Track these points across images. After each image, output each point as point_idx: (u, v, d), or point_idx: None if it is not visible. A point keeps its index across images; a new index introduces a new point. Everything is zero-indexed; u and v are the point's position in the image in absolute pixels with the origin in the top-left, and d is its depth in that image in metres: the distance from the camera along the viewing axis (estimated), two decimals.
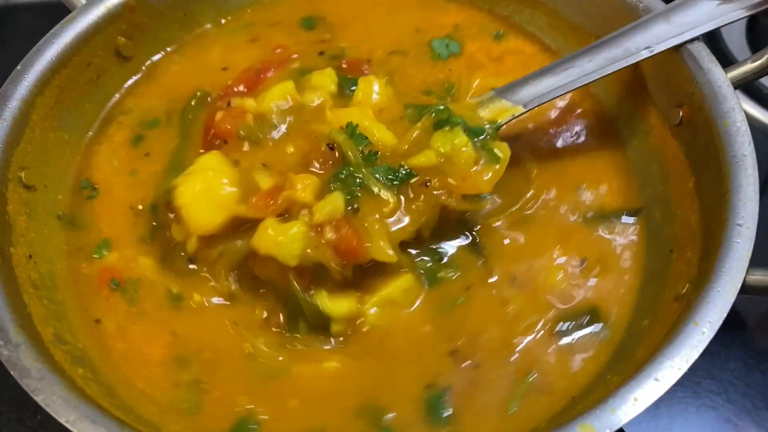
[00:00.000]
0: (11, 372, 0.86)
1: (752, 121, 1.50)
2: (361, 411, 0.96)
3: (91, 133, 1.26)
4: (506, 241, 1.11)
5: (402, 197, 1.01)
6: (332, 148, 1.03)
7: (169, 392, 0.99)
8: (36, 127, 1.14)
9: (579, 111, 1.26)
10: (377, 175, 1.00)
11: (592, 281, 1.07)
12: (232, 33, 1.39)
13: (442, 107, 1.07)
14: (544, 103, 1.13)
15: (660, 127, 1.17)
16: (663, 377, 0.82)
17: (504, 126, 1.11)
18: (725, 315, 0.86)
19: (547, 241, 1.11)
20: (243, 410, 0.97)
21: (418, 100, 1.18)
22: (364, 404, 0.97)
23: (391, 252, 0.98)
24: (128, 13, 1.28)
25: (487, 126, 1.09)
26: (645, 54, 1.10)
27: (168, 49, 1.37)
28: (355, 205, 0.98)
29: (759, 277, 0.90)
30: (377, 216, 0.99)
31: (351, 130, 1.04)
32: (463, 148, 1.04)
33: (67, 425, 0.82)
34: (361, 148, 1.02)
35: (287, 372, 1.00)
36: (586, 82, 1.12)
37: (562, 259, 1.09)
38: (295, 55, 1.30)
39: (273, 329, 1.03)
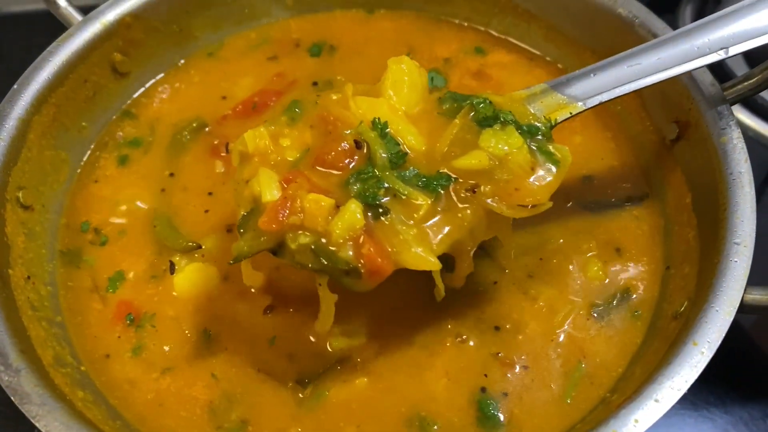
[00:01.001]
0: (12, 398, 0.86)
1: (749, 132, 1.51)
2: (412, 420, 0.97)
3: (83, 162, 1.25)
4: None
5: (443, 204, 0.90)
6: (359, 146, 0.92)
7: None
8: (33, 146, 1.14)
9: None
10: (409, 178, 0.90)
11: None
12: (234, 56, 1.40)
13: (482, 101, 0.96)
14: (605, 101, 1.02)
15: (656, 142, 1.18)
16: (662, 398, 0.83)
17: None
18: (724, 334, 0.87)
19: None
20: None
21: None
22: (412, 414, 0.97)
23: (433, 259, 0.86)
24: (124, 29, 1.28)
25: (542, 125, 0.98)
26: (719, 56, 1.00)
27: (168, 70, 1.38)
28: (380, 210, 0.87)
29: (757, 296, 0.90)
30: (411, 222, 0.88)
31: (381, 129, 0.94)
32: (515, 150, 0.92)
33: None
34: (390, 153, 0.92)
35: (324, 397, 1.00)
36: (655, 80, 1.01)
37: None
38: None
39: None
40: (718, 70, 1.10)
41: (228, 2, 1.38)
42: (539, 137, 0.96)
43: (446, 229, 0.88)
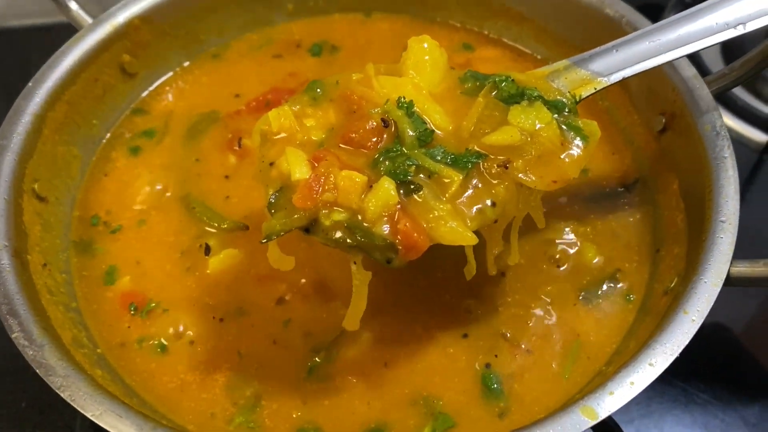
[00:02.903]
0: (37, 370, 0.89)
1: (731, 133, 1.50)
2: (416, 400, 1.01)
3: (94, 158, 1.29)
4: None
5: (474, 180, 0.89)
6: (386, 125, 0.91)
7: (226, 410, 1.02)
8: (47, 141, 1.18)
9: None
10: (438, 156, 0.90)
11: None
12: (238, 58, 1.45)
13: (505, 79, 0.96)
14: (628, 77, 1.02)
15: (644, 134, 1.24)
16: (657, 362, 0.87)
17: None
18: (712, 304, 0.92)
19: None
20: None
21: None
22: (417, 394, 1.01)
23: (469, 234, 0.86)
24: (133, 31, 1.33)
25: (567, 100, 0.98)
26: (737, 31, 1.00)
27: (176, 70, 1.43)
28: (412, 186, 0.86)
29: (742, 268, 0.95)
30: (443, 198, 0.87)
31: (407, 108, 0.93)
32: (545, 125, 0.92)
33: (94, 419, 0.85)
34: (417, 132, 0.91)
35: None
36: (676, 56, 1.02)
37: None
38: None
39: None
40: (697, 66, 1.16)
41: (232, 8, 1.44)
42: (566, 112, 0.96)
43: (479, 204, 0.88)
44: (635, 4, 1.28)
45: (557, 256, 1.14)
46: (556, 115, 0.94)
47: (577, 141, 0.94)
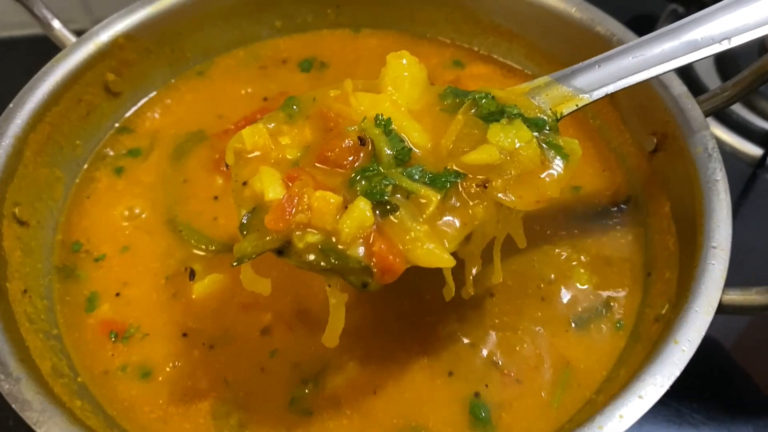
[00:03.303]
0: (12, 405, 0.87)
1: (725, 147, 1.56)
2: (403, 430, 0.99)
3: (77, 180, 1.27)
4: None
5: (452, 200, 0.87)
6: (363, 143, 0.89)
7: None
8: (29, 163, 1.16)
9: None
10: (415, 176, 0.87)
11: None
12: (223, 76, 1.43)
13: (484, 96, 0.94)
14: (610, 93, 1.00)
15: (636, 154, 1.22)
16: (646, 394, 0.86)
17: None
18: (703, 333, 0.90)
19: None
20: None
21: None
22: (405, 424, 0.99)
23: (446, 256, 0.84)
24: (117, 50, 1.31)
25: (548, 118, 0.96)
26: (722, 46, 0.98)
27: (161, 88, 1.41)
28: (388, 207, 0.84)
29: (734, 296, 0.94)
30: (420, 219, 0.85)
31: (385, 126, 0.91)
32: (525, 144, 0.90)
33: None
34: (395, 150, 0.89)
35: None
36: (660, 71, 1.00)
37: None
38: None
39: None
40: (692, 83, 1.14)
41: (219, 24, 1.42)
42: (546, 130, 0.94)
43: (457, 225, 0.86)
44: (627, 16, 1.27)
45: (548, 280, 1.12)
46: (536, 133, 0.93)
47: (558, 160, 0.92)
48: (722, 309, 0.93)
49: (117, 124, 1.35)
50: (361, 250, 0.83)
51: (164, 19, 1.35)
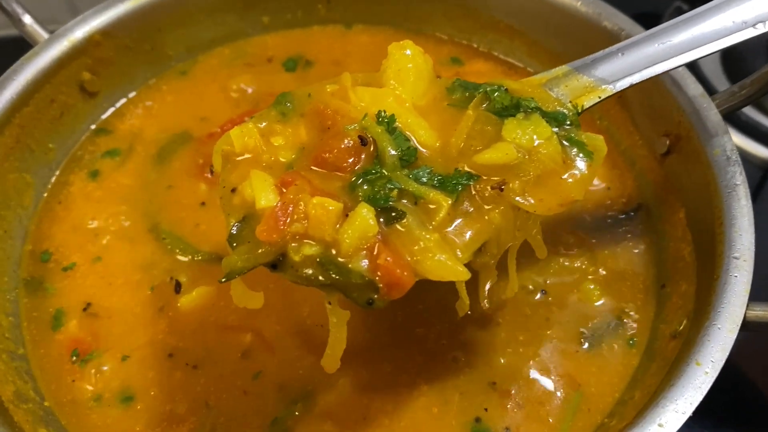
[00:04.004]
0: None
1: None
2: None
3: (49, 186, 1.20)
4: None
5: (465, 205, 0.79)
6: (364, 143, 0.81)
7: None
8: None
9: None
10: (423, 178, 0.80)
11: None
12: (207, 75, 1.36)
13: (497, 89, 0.86)
14: (636, 83, 0.92)
15: (647, 156, 1.14)
16: (667, 422, 0.79)
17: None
18: (728, 353, 0.82)
19: None
20: None
21: None
22: None
23: (460, 268, 0.75)
24: (93, 47, 1.23)
25: (569, 111, 0.87)
26: (756, 30, 0.90)
27: (141, 88, 1.33)
28: (394, 214, 0.76)
29: (760, 312, 0.86)
30: (430, 227, 0.77)
31: (388, 123, 0.83)
32: (545, 141, 0.82)
33: None
34: (400, 150, 0.81)
35: None
36: (689, 59, 0.91)
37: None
38: None
39: None
40: (700, 83, 1.07)
41: (202, 19, 1.34)
42: (567, 125, 0.86)
43: (471, 233, 0.78)
44: (630, 13, 1.20)
45: (554, 293, 1.04)
46: (556, 129, 0.84)
47: (581, 158, 0.83)
48: (746, 326, 0.85)
49: (93, 126, 1.27)
50: (365, 262, 0.74)
51: (144, 15, 1.27)
